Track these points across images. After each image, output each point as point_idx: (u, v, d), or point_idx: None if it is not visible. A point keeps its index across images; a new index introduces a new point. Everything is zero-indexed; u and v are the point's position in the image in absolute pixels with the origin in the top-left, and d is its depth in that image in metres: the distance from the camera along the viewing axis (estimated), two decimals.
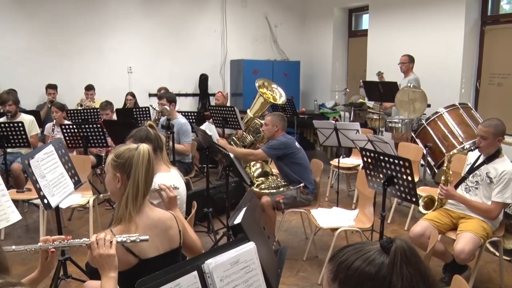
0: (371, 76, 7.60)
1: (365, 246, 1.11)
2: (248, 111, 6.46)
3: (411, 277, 1.04)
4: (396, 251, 1.06)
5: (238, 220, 1.82)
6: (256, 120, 6.32)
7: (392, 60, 6.58)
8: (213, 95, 8.47)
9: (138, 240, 1.78)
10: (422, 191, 4.30)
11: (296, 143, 4.27)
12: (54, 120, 5.54)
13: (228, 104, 7.97)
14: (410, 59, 6.26)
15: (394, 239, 1.09)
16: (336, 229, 3.59)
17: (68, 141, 5.21)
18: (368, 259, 1.07)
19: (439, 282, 2.07)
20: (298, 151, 4.20)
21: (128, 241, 1.78)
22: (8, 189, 4.65)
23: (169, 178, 2.71)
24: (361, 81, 7.13)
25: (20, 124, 4.92)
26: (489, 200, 3.28)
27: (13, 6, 7.41)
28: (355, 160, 5.76)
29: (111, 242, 1.75)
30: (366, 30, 8.39)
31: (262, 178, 4.53)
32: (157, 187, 2.37)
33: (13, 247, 1.77)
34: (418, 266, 1.07)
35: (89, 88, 7.44)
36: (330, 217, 3.84)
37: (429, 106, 5.59)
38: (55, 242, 1.81)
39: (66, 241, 1.82)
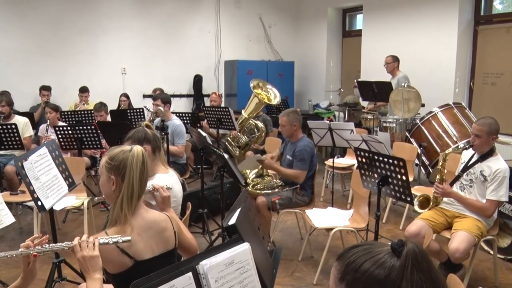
0: (365, 76, 7.62)
1: (374, 247, 1.07)
2: (242, 111, 6.45)
3: (421, 284, 1.00)
4: (407, 255, 1.01)
5: (232, 221, 1.81)
6: (250, 121, 6.31)
7: None
8: (208, 96, 8.46)
9: (120, 241, 1.78)
10: (416, 190, 4.32)
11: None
12: (48, 121, 5.50)
13: (223, 104, 7.96)
14: (394, 59, 6.33)
15: (405, 242, 1.04)
16: (331, 229, 3.60)
17: (62, 143, 5.18)
18: (377, 262, 1.03)
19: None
20: (314, 157, 4.17)
21: (111, 242, 1.78)
22: (1, 191, 4.67)
23: (167, 179, 2.71)
24: (355, 81, 7.15)
25: (13, 126, 4.89)
26: (484, 198, 3.30)
27: (5, 6, 7.36)
28: (349, 160, 5.77)
29: (94, 243, 1.75)
30: (360, 30, 8.41)
31: (258, 179, 4.52)
32: (150, 188, 2.36)
33: None
34: (429, 272, 1.03)
35: (84, 90, 7.39)
36: (325, 217, 3.84)
37: (423, 105, 5.61)
38: (37, 247, 1.78)
39: (48, 245, 1.79)
